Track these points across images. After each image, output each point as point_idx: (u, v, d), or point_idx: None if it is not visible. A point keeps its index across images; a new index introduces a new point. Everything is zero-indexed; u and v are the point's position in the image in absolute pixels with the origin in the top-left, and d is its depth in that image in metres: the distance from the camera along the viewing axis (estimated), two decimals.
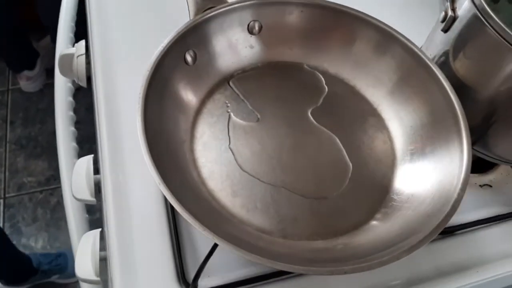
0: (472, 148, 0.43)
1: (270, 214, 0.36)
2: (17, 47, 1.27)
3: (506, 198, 0.44)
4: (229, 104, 0.42)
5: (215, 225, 0.33)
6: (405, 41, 0.40)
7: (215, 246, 0.34)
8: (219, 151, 0.39)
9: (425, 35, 0.45)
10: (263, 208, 0.36)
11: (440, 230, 0.30)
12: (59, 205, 1.16)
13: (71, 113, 0.59)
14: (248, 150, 0.39)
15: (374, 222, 0.35)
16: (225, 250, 0.29)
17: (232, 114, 0.41)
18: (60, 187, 0.54)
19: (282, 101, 0.43)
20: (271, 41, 0.44)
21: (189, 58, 0.41)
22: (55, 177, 1.20)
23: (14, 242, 0.98)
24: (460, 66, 0.39)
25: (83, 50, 0.54)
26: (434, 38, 0.42)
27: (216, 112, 0.41)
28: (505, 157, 0.41)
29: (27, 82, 1.32)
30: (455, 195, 0.32)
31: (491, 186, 0.45)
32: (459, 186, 0.32)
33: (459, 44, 0.38)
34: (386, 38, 0.41)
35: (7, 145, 1.26)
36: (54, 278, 1.02)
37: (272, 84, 0.44)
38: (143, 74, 0.35)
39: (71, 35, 0.64)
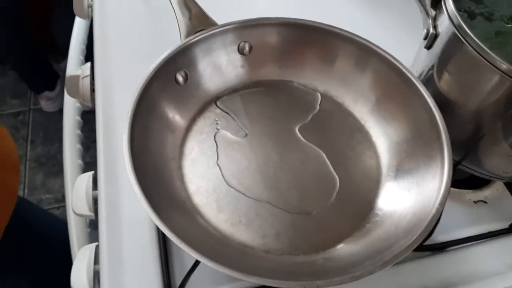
0: (461, 164, 0.43)
1: (254, 228, 0.37)
2: (37, 70, 1.34)
3: (501, 215, 0.43)
4: (218, 122, 0.43)
5: (198, 239, 0.34)
6: (384, 54, 0.40)
7: (197, 261, 0.35)
8: (206, 167, 0.40)
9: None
10: (247, 223, 0.37)
11: (415, 246, 0.30)
12: None
13: (78, 131, 0.61)
14: (235, 166, 0.40)
15: (354, 237, 0.36)
16: None
17: (221, 131, 0.42)
18: None
19: (271, 118, 0.44)
20: (260, 60, 0.45)
21: (180, 78, 0.42)
22: None
23: None
24: (443, 82, 0.39)
25: (88, 72, 0.56)
26: (419, 55, 0.42)
27: (206, 129, 0.42)
28: (494, 173, 0.41)
29: (47, 102, 1.38)
30: (433, 211, 0.32)
31: (486, 202, 0.45)
32: (438, 201, 0.32)
33: (441, 61, 0.39)
34: (364, 52, 0.41)
35: (27, 163, 1.31)
36: None
37: (262, 102, 0.45)
38: (131, 95, 0.37)
39: (82, 57, 0.68)
